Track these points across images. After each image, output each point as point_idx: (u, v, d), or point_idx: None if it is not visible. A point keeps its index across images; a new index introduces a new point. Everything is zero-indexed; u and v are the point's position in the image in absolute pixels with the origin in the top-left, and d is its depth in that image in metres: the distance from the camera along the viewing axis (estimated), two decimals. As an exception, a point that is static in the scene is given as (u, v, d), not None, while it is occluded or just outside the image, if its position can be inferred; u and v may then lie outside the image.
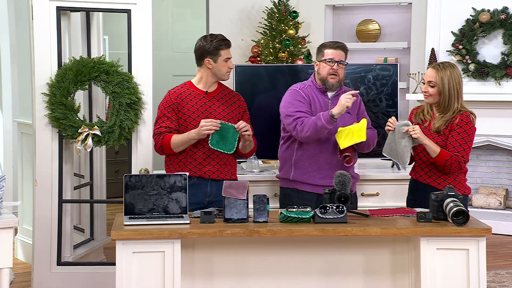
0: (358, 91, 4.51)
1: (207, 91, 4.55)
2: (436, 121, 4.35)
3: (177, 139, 4.44)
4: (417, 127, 4.29)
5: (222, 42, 4.50)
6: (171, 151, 4.47)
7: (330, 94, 4.62)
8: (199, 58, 4.53)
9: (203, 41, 4.52)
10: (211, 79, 4.56)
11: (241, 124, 4.41)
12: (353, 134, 4.44)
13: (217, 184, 4.44)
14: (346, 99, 4.38)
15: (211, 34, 4.58)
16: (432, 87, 4.34)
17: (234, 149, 4.46)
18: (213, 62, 4.49)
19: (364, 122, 4.47)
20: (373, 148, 4.71)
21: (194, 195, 4.38)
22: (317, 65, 4.61)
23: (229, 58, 4.53)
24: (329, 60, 4.53)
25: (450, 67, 4.34)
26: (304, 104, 4.55)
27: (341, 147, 4.45)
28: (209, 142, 4.41)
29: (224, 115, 4.52)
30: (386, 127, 4.38)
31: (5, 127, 7.24)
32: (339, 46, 4.58)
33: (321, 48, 4.61)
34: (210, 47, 4.48)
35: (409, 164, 4.51)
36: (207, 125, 4.36)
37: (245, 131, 4.41)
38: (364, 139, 4.42)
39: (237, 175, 5.30)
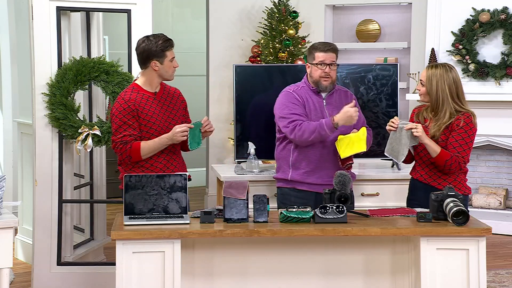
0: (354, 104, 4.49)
1: (155, 92, 4.46)
2: (431, 127, 4.35)
3: (148, 146, 4.35)
4: (419, 125, 4.30)
5: (167, 43, 4.37)
6: (139, 159, 4.36)
7: (324, 94, 4.63)
8: (144, 61, 4.38)
9: (147, 43, 4.36)
10: (157, 80, 4.43)
11: (207, 121, 4.42)
12: (353, 144, 4.45)
13: None
14: (355, 116, 4.39)
15: (153, 34, 4.41)
16: (423, 85, 4.37)
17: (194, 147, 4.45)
18: (160, 64, 4.36)
19: (364, 132, 4.47)
20: (369, 147, 4.71)
21: None
22: (308, 67, 4.61)
23: (174, 58, 4.42)
24: (321, 63, 4.53)
25: (443, 68, 4.32)
26: (299, 106, 4.55)
27: (342, 157, 4.47)
28: (189, 146, 4.39)
29: (174, 113, 4.48)
30: (388, 127, 4.37)
31: (5, 127, 7.24)
32: (330, 48, 4.56)
33: (312, 50, 4.59)
34: (156, 49, 4.33)
35: (409, 163, 4.52)
36: (183, 129, 4.33)
37: (210, 128, 4.43)
38: (364, 149, 4.43)
39: (237, 175, 5.33)
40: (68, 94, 5.05)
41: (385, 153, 4.45)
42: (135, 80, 4.51)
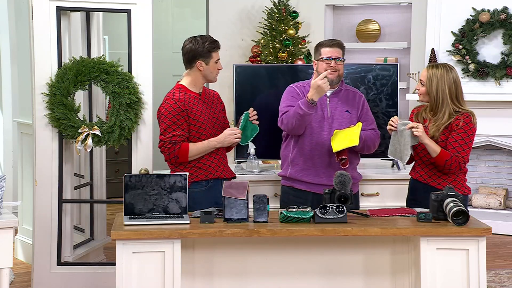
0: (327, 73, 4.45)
1: (200, 93, 4.53)
2: (431, 127, 4.34)
3: (196, 148, 4.42)
4: (420, 125, 4.29)
5: (214, 45, 4.45)
6: (186, 160, 4.42)
7: (328, 92, 4.63)
8: (190, 61, 4.46)
9: (194, 43, 4.43)
10: (202, 81, 4.52)
11: (252, 111, 4.60)
12: (346, 137, 4.45)
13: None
14: (322, 84, 4.33)
15: (200, 35, 4.50)
16: (422, 85, 4.37)
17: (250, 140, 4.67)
18: (205, 64, 4.44)
19: (358, 127, 4.47)
20: (374, 150, 4.71)
21: (213, 196, 4.42)
22: (315, 64, 4.64)
23: (219, 59, 4.51)
24: (327, 58, 4.55)
25: (443, 69, 4.32)
26: (296, 99, 4.58)
27: (333, 150, 4.47)
28: (241, 141, 4.60)
29: (217, 114, 4.58)
30: (388, 127, 4.38)
31: (5, 127, 7.24)
32: (335, 43, 4.61)
33: (318, 47, 4.64)
34: (203, 50, 4.42)
35: (409, 163, 4.51)
36: (236, 131, 4.50)
37: (255, 118, 4.61)
38: (356, 143, 4.42)
39: (237, 175, 5.33)
40: (68, 94, 5.05)
41: (388, 155, 4.46)
42: (179, 81, 4.55)
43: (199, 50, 4.42)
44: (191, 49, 4.44)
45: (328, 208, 3.93)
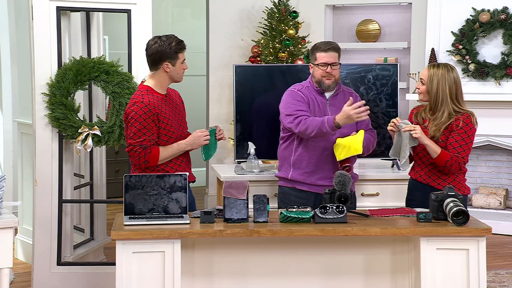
0: (364, 102, 4.42)
1: (166, 94, 4.39)
2: (430, 127, 4.34)
3: (166, 151, 4.31)
4: (417, 127, 4.29)
5: (180, 45, 4.30)
6: (155, 164, 4.31)
7: (328, 95, 4.62)
8: (156, 63, 4.29)
9: (159, 44, 4.27)
10: (168, 82, 4.37)
11: (219, 129, 4.49)
12: (350, 146, 4.46)
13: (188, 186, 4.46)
14: (354, 114, 4.32)
15: (165, 35, 4.32)
16: (423, 84, 4.37)
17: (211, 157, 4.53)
18: (172, 66, 4.29)
19: (361, 135, 4.47)
20: (372, 150, 4.71)
21: None
22: (311, 67, 4.61)
23: (184, 59, 4.36)
24: (322, 64, 4.52)
25: (445, 69, 4.33)
26: (304, 104, 4.55)
27: (337, 159, 4.47)
28: (204, 157, 4.47)
29: (182, 115, 4.47)
30: (389, 128, 4.38)
31: (5, 127, 7.24)
32: (331, 47, 4.54)
33: (314, 51, 4.58)
34: (170, 51, 4.26)
35: (409, 163, 4.51)
36: (205, 133, 4.38)
37: (221, 134, 4.49)
38: (360, 152, 4.44)
39: (237, 175, 5.33)
40: (68, 94, 5.05)
41: (389, 155, 4.47)
42: (143, 82, 4.43)
43: (166, 52, 4.26)
44: (157, 50, 4.26)
45: (328, 208, 3.93)
